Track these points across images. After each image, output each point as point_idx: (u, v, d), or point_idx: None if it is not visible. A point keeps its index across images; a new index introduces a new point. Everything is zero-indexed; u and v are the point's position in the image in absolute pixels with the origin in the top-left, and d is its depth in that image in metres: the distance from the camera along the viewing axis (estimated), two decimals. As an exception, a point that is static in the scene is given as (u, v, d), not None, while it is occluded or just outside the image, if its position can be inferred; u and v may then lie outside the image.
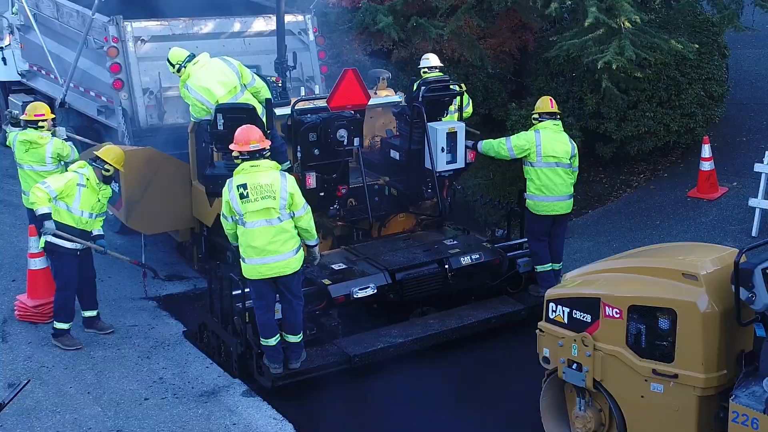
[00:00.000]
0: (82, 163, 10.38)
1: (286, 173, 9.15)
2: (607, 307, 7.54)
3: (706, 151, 13.78)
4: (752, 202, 12.55)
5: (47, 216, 9.96)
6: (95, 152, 10.43)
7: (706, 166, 13.84)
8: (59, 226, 10.10)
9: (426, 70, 12.61)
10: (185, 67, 10.50)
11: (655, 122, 14.49)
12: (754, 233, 12.48)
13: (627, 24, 12.74)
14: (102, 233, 10.52)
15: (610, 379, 7.62)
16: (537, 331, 8.15)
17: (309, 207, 9.15)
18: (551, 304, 8.01)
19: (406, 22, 14.53)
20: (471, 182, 14.52)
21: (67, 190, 10.06)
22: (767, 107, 16.18)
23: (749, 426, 6.67)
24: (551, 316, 8.01)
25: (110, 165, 10.27)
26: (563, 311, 7.89)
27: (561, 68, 15.22)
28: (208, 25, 13.03)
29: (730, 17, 14.03)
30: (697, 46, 14.03)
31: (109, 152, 10.38)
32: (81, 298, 10.61)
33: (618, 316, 7.47)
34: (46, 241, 10.16)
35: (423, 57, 12.99)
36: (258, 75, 10.85)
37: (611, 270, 7.96)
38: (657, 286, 7.37)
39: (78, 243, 10.18)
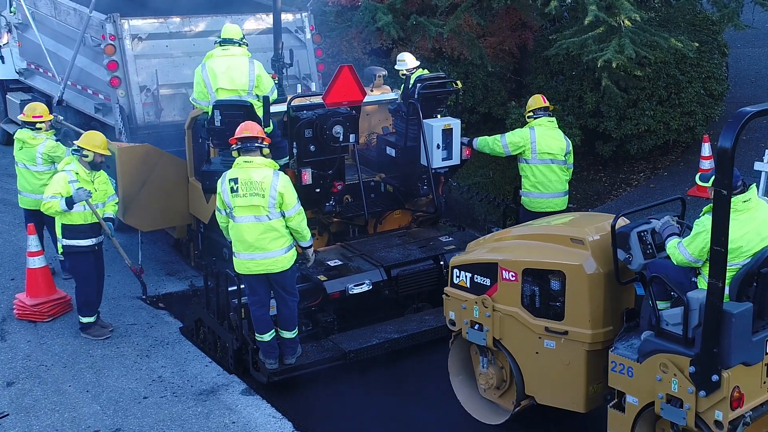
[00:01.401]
0: (68, 159, 10.34)
1: (280, 172, 9.13)
2: (504, 271, 8.11)
3: (706, 149, 13.75)
4: (752, 200, 12.49)
5: (70, 200, 9.96)
6: (75, 142, 10.40)
7: (706, 164, 13.79)
8: (71, 227, 10.15)
9: (405, 72, 12.55)
10: (215, 47, 10.60)
11: (655, 121, 14.48)
12: (753, 231, 12.43)
13: (627, 22, 12.74)
14: (113, 217, 10.50)
15: (508, 337, 8.21)
16: (443, 295, 8.73)
17: (301, 208, 9.10)
18: (455, 270, 8.57)
19: (406, 21, 14.54)
20: (471, 180, 14.52)
21: (64, 190, 10.06)
22: (767, 106, 16.11)
23: (625, 374, 7.27)
24: (455, 282, 8.58)
25: (88, 150, 10.15)
26: (466, 276, 8.46)
27: (561, 66, 15.22)
28: (204, 23, 13.04)
29: (730, 15, 14.04)
30: (697, 44, 14.03)
31: (86, 138, 10.29)
32: None
33: (514, 279, 8.06)
34: (63, 246, 10.22)
35: (398, 59, 12.88)
36: None
37: (508, 237, 8.54)
38: (548, 251, 7.98)
39: (94, 238, 10.26)
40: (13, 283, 11.74)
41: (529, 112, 10.94)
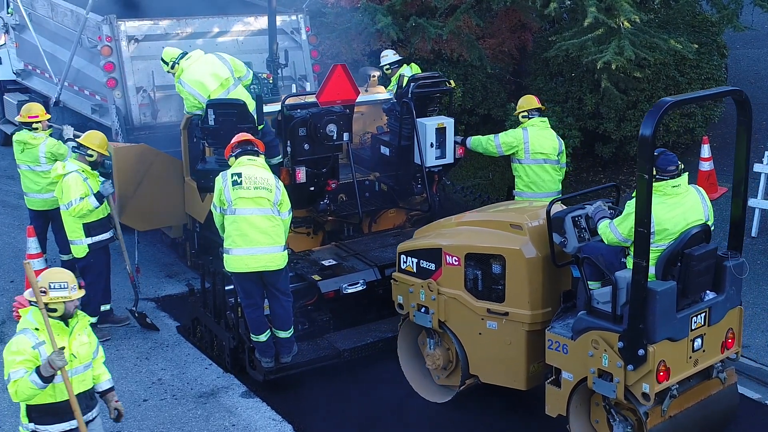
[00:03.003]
0: (62, 163, 10.35)
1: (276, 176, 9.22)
2: (447, 256, 8.53)
3: (706, 151, 13.71)
4: (752, 202, 12.44)
5: (99, 195, 10.12)
6: (77, 139, 10.42)
7: (706, 166, 13.75)
8: (95, 223, 10.25)
9: (388, 66, 12.50)
10: (178, 64, 10.61)
11: (655, 122, 14.39)
12: (753, 233, 12.42)
13: (626, 24, 12.67)
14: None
15: (452, 319, 8.62)
16: (391, 281, 9.16)
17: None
18: (402, 256, 9.01)
19: (405, 22, 14.50)
20: (471, 182, 14.51)
21: (85, 190, 10.08)
22: (766, 107, 16.04)
23: (560, 351, 7.69)
24: (403, 267, 9.02)
25: (93, 150, 10.24)
26: (412, 262, 8.90)
27: (560, 68, 15.17)
28: (200, 25, 13.07)
29: (730, 17, 13.96)
30: (696, 45, 13.95)
31: (89, 138, 10.34)
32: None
33: (457, 263, 8.47)
34: (89, 245, 10.27)
35: (381, 56, 12.87)
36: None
37: (452, 224, 8.95)
38: (489, 236, 8.40)
39: (112, 229, 10.50)
40: (12, 285, 11.79)
41: (522, 112, 10.97)
